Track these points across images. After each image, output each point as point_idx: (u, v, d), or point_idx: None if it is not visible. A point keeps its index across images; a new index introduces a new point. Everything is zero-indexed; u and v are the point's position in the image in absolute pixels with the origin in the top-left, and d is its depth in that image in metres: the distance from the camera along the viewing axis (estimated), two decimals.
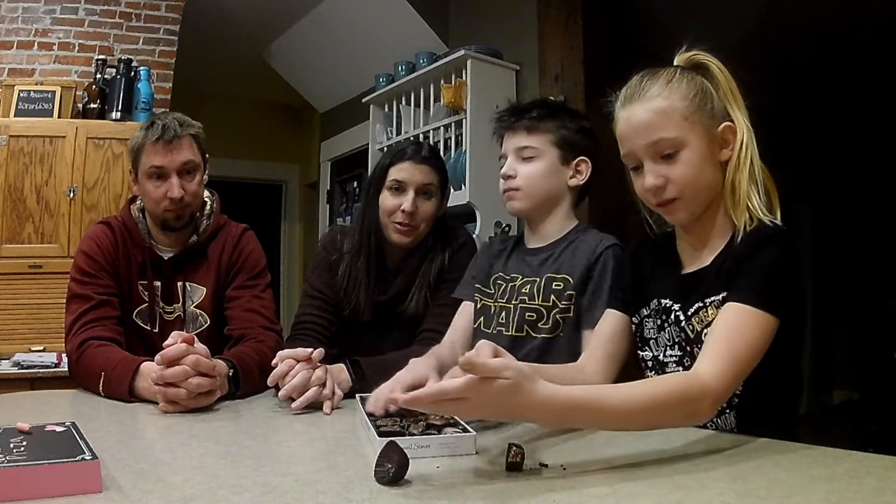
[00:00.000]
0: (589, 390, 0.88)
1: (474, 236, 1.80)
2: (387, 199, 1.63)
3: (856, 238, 5.37)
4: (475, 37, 3.16)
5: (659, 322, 1.14)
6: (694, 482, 0.76)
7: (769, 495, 0.73)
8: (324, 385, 1.24)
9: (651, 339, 1.16)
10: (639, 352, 1.19)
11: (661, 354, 1.13)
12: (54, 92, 3.18)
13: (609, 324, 1.23)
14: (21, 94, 3.13)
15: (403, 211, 1.60)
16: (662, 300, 1.13)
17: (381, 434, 0.94)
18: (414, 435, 0.94)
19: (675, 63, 1.10)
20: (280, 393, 1.23)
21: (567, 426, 0.84)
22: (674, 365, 1.10)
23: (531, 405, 0.78)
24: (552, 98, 1.59)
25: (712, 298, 1.03)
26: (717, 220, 1.09)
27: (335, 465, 0.88)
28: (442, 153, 3.02)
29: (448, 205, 2.84)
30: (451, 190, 2.86)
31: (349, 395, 1.33)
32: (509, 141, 1.49)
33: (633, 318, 1.20)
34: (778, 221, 1.03)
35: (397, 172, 1.63)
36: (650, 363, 1.16)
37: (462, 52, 2.92)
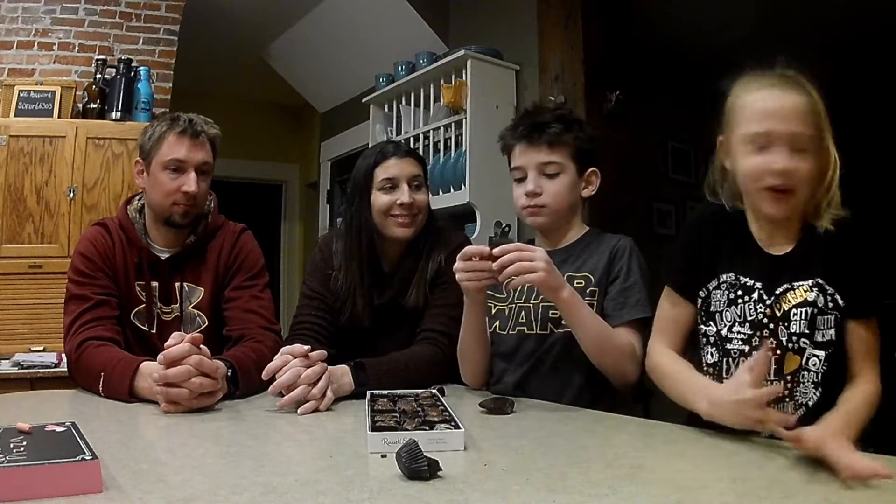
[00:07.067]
0: (846, 403, 1.02)
1: (472, 237, 1.80)
2: (380, 198, 1.63)
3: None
4: (475, 37, 3.16)
5: (731, 296, 1.12)
6: (694, 482, 0.76)
7: (769, 495, 0.73)
8: (315, 384, 1.24)
9: (717, 312, 1.14)
10: (702, 326, 1.17)
11: (726, 330, 1.12)
12: (54, 92, 3.17)
13: (673, 309, 1.22)
14: (21, 94, 3.12)
15: (402, 204, 1.60)
16: (741, 277, 1.12)
17: (374, 428, 0.95)
18: (407, 430, 0.94)
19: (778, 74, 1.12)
20: (270, 387, 1.25)
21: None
22: (739, 342, 1.10)
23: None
24: (558, 105, 1.57)
25: (801, 283, 1.08)
26: (799, 208, 1.12)
27: (335, 465, 0.88)
28: (442, 153, 3.03)
29: (448, 205, 2.89)
30: (451, 190, 2.90)
31: (351, 396, 1.33)
32: (529, 155, 1.46)
33: (700, 293, 1.17)
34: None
35: (385, 171, 1.63)
36: (712, 338, 1.15)
37: (462, 52, 2.91)
